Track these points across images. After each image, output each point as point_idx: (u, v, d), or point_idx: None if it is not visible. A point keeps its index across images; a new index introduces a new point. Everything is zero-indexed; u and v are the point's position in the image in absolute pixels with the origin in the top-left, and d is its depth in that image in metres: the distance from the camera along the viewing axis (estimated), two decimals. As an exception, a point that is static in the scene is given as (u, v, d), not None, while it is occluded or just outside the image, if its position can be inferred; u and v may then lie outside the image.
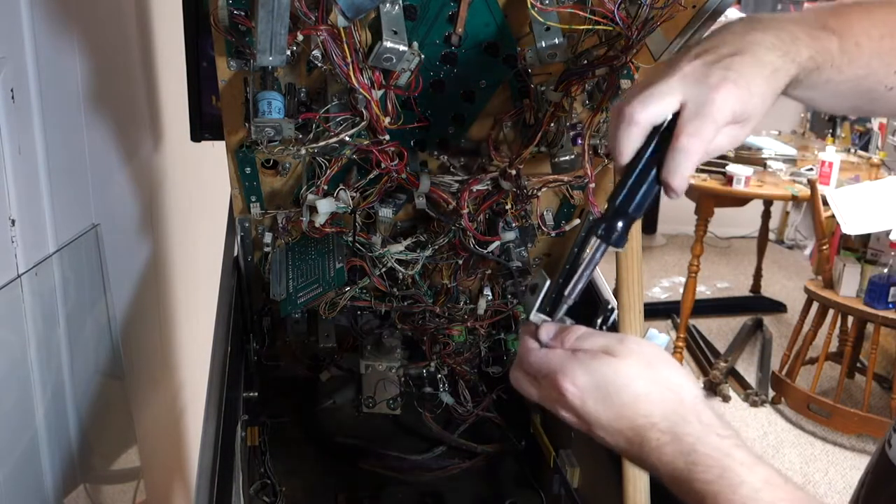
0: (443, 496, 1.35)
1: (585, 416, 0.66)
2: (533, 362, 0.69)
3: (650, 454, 0.64)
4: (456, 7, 0.92)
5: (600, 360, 0.66)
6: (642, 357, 0.66)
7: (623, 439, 0.65)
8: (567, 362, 0.67)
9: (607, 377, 0.65)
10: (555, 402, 0.67)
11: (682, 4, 0.87)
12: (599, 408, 0.65)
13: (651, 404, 0.64)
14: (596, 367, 0.66)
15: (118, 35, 1.42)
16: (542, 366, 0.68)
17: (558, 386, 0.66)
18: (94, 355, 1.29)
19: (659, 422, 0.64)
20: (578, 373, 0.66)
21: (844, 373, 3.15)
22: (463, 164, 1.11)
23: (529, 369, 0.69)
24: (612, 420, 0.65)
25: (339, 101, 0.96)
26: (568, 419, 0.68)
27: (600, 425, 0.66)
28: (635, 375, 0.65)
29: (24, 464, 1.04)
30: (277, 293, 1.15)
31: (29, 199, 1.03)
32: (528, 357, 0.69)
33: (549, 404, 0.68)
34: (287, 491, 1.29)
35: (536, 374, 0.68)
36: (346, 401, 1.43)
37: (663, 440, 0.63)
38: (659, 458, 0.63)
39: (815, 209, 3.12)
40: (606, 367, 0.65)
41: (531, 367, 0.69)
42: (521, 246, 1.15)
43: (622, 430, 0.65)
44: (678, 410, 0.64)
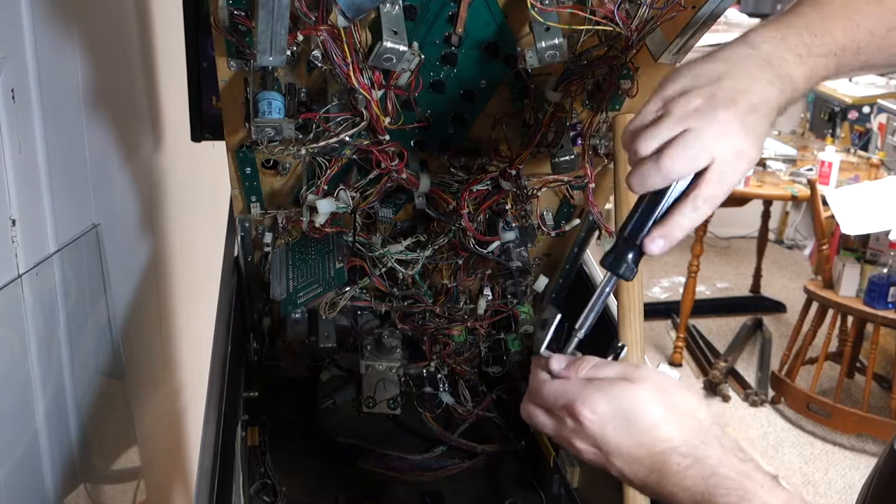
0: (443, 496, 1.35)
1: (605, 444, 0.65)
2: (547, 393, 0.68)
3: (670, 479, 0.63)
4: (456, 7, 0.92)
5: (619, 386, 0.66)
6: (658, 383, 0.66)
7: (643, 467, 0.64)
8: (584, 390, 0.66)
9: (627, 403, 0.65)
10: (571, 434, 0.66)
11: (682, 4, 0.87)
12: (620, 435, 0.64)
13: (671, 429, 0.64)
14: (615, 393, 0.65)
15: (118, 35, 1.42)
16: (558, 396, 0.67)
17: (576, 414, 0.65)
18: (94, 355, 1.29)
19: (680, 445, 0.63)
20: (597, 400, 0.65)
21: (844, 373, 3.15)
22: (463, 164, 1.11)
23: (543, 401, 0.68)
24: (633, 447, 0.64)
25: (339, 101, 0.96)
26: (584, 451, 0.66)
27: (619, 453, 0.65)
28: (654, 401, 0.65)
29: (24, 464, 1.04)
30: (277, 293, 1.15)
31: (29, 199, 1.03)
32: (542, 389, 0.68)
33: (566, 435, 0.67)
34: (287, 491, 1.29)
35: (552, 406, 0.67)
36: (346, 401, 1.43)
37: (684, 464, 0.63)
38: (680, 483, 0.62)
39: (815, 209, 3.12)
40: (626, 393, 0.65)
41: (545, 398, 0.68)
42: (521, 246, 1.15)
43: (641, 457, 0.64)
44: (698, 434, 0.64)
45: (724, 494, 0.60)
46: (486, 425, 1.43)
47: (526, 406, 0.71)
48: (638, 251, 0.71)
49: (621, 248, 0.71)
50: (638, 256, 0.71)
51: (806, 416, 3.20)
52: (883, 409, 3.15)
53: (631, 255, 0.71)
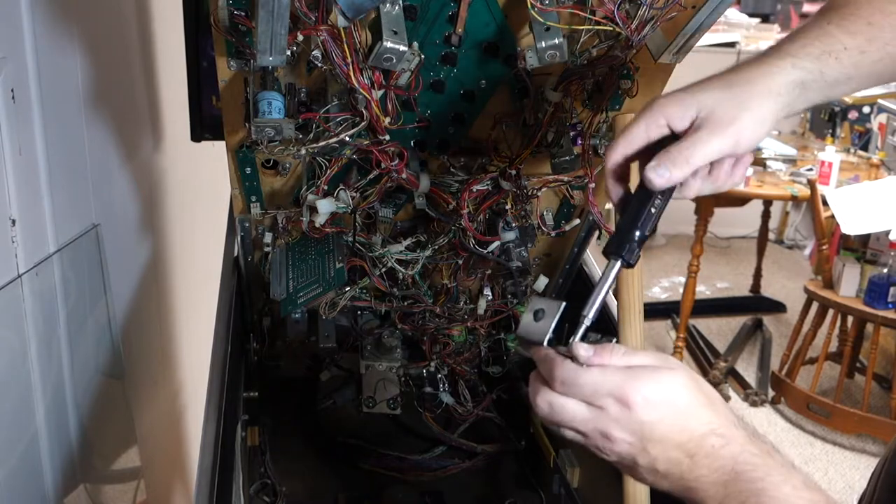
0: (443, 496, 1.35)
1: (650, 431, 0.65)
2: (588, 382, 0.66)
3: (702, 461, 0.64)
4: (456, 7, 0.92)
5: (663, 373, 0.66)
6: (691, 373, 0.68)
7: (681, 452, 0.65)
8: (633, 378, 0.66)
9: (674, 390, 0.66)
10: (611, 423, 0.65)
11: (681, 4, 0.87)
12: (667, 420, 0.65)
13: (710, 413, 0.66)
14: (662, 380, 0.66)
15: (118, 35, 1.42)
16: (601, 384, 0.66)
17: (628, 401, 0.65)
18: (94, 355, 1.29)
19: (717, 427, 0.65)
20: (648, 386, 0.65)
21: (844, 373, 3.15)
22: (463, 164, 1.11)
23: (580, 390, 0.67)
24: (677, 432, 0.65)
25: (339, 101, 0.96)
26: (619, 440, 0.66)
27: (662, 439, 0.65)
28: (693, 387, 0.66)
29: (24, 464, 1.04)
30: (277, 293, 1.15)
31: (29, 199, 1.03)
32: (580, 378, 0.67)
33: (602, 426, 0.66)
34: (287, 491, 1.29)
35: (592, 394, 0.66)
36: (346, 401, 1.43)
37: (718, 444, 0.64)
38: (711, 464, 0.64)
39: (815, 209, 3.12)
40: (671, 379, 0.66)
41: (584, 387, 0.66)
42: (521, 246, 1.15)
43: (683, 442, 0.65)
44: (728, 416, 0.66)
45: (750, 471, 0.62)
46: (486, 425, 1.43)
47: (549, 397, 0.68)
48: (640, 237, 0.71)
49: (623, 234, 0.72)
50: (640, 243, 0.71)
51: (806, 416, 3.20)
52: (883, 409, 3.15)
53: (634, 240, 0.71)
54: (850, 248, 3.11)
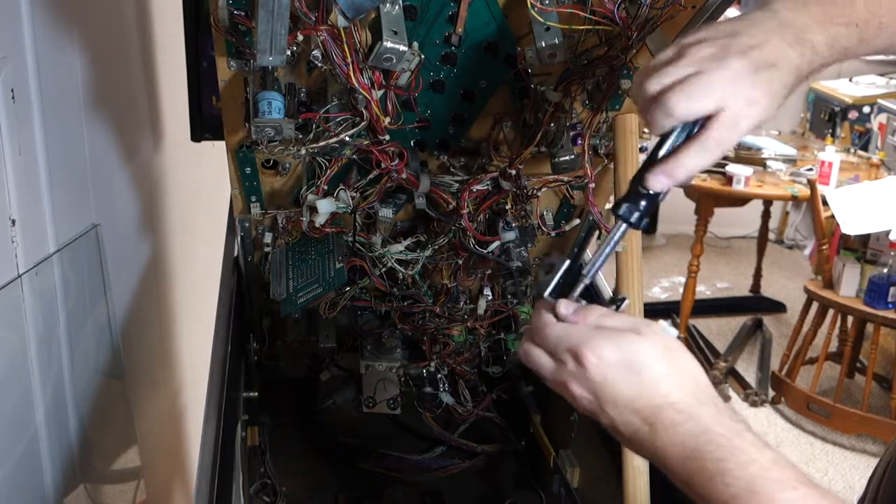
0: (443, 496, 1.35)
1: (602, 391, 0.66)
2: (552, 334, 0.68)
3: (662, 434, 0.64)
4: (456, 7, 0.92)
5: (627, 336, 0.67)
6: (664, 341, 0.68)
7: (637, 419, 0.65)
8: (593, 336, 0.67)
9: (632, 354, 0.66)
10: (570, 378, 0.67)
11: (681, 4, 0.87)
12: (620, 384, 0.65)
13: (671, 385, 0.65)
14: (623, 343, 0.66)
15: (118, 35, 1.42)
16: (563, 339, 0.67)
17: (581, 358, 0.66)
18: (94, 355, 1.29)
19: (676, 402, 0.65)
20: (604, 347, 0.66)
21: (844, 373, 3.15)
22: (463, 164, 1.11)
23: (546, 342, 0.69)
24: (631, 399, 0.65)
25: (339, 101, 0.96)
26: (579, 396, 0.67)
27: (615, 402, 0.65)
28: (658, 356, 0.66)
29: (24, 464, 1.04)
30: (277, 293, 1.15)
31: (29, 199, 1.03)
32: (547, 330, 0.69)
33: (563, 379, 0.67)
34: (287, 491, 1.29)
35: (555, 348, 0.68)
36: (346, 401, 1.43)
37: (678, 420, 0.64)
38: (671, 439, 0.64)
39: (815, 209, 3.12)
40: (633, 344, 0.66)
41: (548, 339, 0.68)
42: (521, 246, 1.15)
43: (638, 409, 0.65)
44: (696, 394, 0.66)
45: (713, 450, 0.62)
46: (486, 425, 1.43)
47: (525, 345, 0.70)
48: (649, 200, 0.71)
49: (633, 196, 0.72)
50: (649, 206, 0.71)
51: (806, 416, 3.20)
52: (883, 409, 3.15)
53: (642, 204, 0.71)
54: (850, 248, 3.11)
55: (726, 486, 0.60)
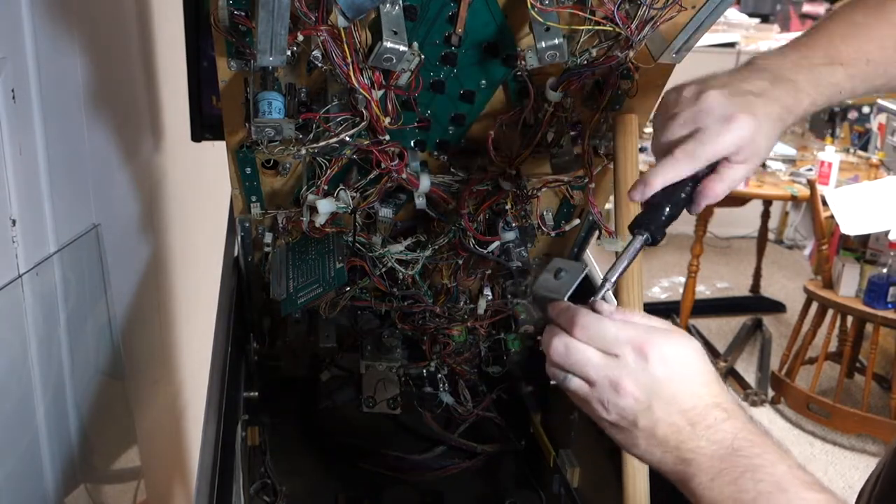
0: (443, 496, 1.35)
1: (660, 389, 0.66)
2: (608, 329, 0.68)
3: (703, 432, 0.65)
4: (456, 7, 0.92)
5: (682, 339, 0.68)
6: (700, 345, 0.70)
7: (681, 417, 0.66)
8: (654, 333, 0.68)
9: (689, 355, 0.67)
10: (625, 373, 0.66)
11: (681, 4, 0.87)
12: (679, 382, 0.66)
13: (717, 385, 0.68)
14: (681, 343, 0.68)
15: (118, 35, 1.42)
16: (622, 334, 0.67)
17: (646, 352, 0.66)
18: (94, 355, 1.29)
19: (723, 402, 0.66)
20: (667, 345, 0.67)
21: (844, 373, 3.15)
22: (463, 164, 1.11)
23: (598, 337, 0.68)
24: (686, 397, 0.66)
25: (340, 102, 0.96)
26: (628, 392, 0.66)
27: (668, 400, 0.66)
28: (705, 359, 0.68)
29: (24, 464, 1.04)
30: (277, 293, 1.15)
31: (29, 199, 1.03)
32: (599, 325, 0.68)
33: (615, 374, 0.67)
34: (287, 491, 1.29)
35: (613, 342, 0.67)
36: (346, 401, 1.43)
37: (721, 417, 0.65)
38: (712, 436, 0.65)
39: (815, 209, 3.12)
40: (689, 346, 0.68)
41: (605, 334, 0.68)
42: (521, 246, 1.15)
43: (688, 408, 0.66)
44: (729, 396, 0.68)
45: (748, 446, 0.63)
46: (486, 425, 1.43)
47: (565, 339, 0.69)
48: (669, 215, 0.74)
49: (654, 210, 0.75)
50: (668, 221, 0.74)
51: (806, 416, 3.21)
52: (883, 409, 3.15)
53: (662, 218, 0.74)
54: (849, 248, 3.11)
55: (756, 481, 0.61)
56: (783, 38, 4.61)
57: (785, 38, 4.67)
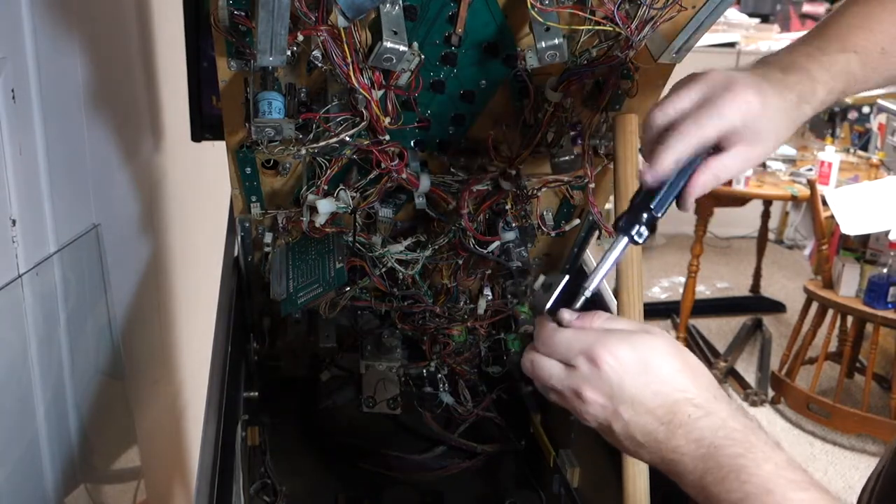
0: (443, 496, 1.35)
1: (620, 392, 0.65)
2: (562, 341, 0.68)
3: (679, 431, 0.63)
4: (456, 7, 0.92)
5: (640, 336, 0.67)
6: (673, 341, 0.68)
7: (653, 419, 0.64)
8: (605, 337, 0.66)
9: (647, 353, 0.66)
10: (583, 382, 0.66)
11: (681, 4, 0.87)
12: (638, 382, 0.65)
13: (687, 381, 0.65)
14: (637, 342, 0.66)
15: (118, 35, 1.42)
16: (575, 342, 0.67)
17: (597, 359, 0.65)
18: (94, 355, 1.29)
19: (694, 397, 0.64)
20: (620, 346, 0.65)
21: (844, 373, 3.15)
22: (463, 164, 1.11)
23: (555, 349, 0.68)
24: (649, 397, 0.64)
25: (340, 102, 0.96)
26: (592, 402, 0.66)
27: (633, 402, 0.65)
28: (672, 353, 0.66)
29: (24, 464, 1.04)
30: (277, 293, 1.15)
31: (29, 199, 1.03)
32: (555, 336, 0.68)
33: (575, 384, 0.66)
34: (287, 491, 1.29)
35: (566, 353, 0.67)
36: (346, 401, 1.43)
37: (696, 415, 0.63)
38: (688, 434, 0.63)
39: (815, 209, 3.12)
40: (647, 342, 0.66)
41: (558, 345, 0.68)
42: (521, 246, 1.15)
43: (655, 408, 0.64)
44: (710, 389, 0.65)
45: (730, 446, 0.61)
46: (486, 425, 1.43)
47: (531, 355, 0.70)
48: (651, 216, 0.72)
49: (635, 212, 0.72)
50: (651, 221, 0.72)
51: (806, 416, 3.20)
52: (883, 409, 3.15)
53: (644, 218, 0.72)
54: (849, 248, 3.11)
55: (741, 483, 0.59)
56: (783, 38, 4.61)
57: (785, 37, 4.67)
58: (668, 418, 0.64)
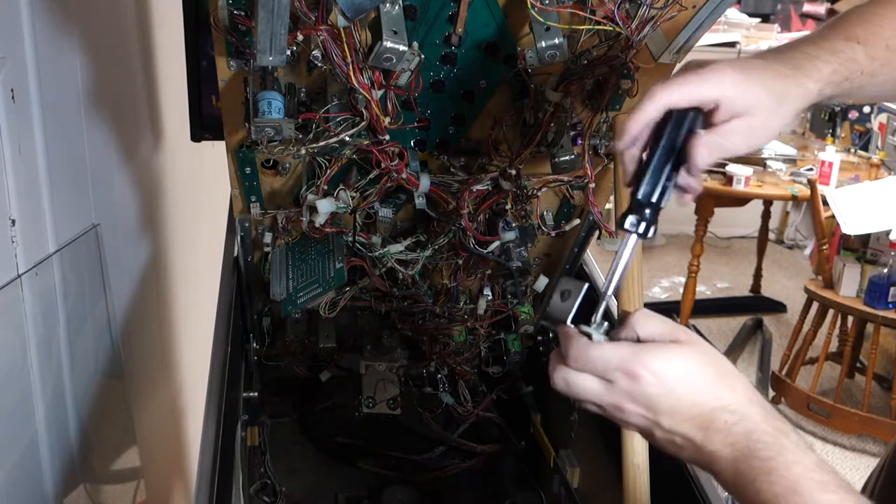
0: (443, 496, 1.35)
1: (659, 404, 0.66)
2: (598, 357, 0.68)
3: (716, 436, 0.65)
4: (456, 7, 0.92)
5: (673, 348, 0.67)
6: (704, 347, 0.69)
7: (691, 426, 0.66)
8: (641, 352, 0.67)
9: (683, 364, 0.67)
10: (623, 397, 0.67)
11: (682, 4, 0.87)
12: (675, 394, 0.66)
13: (723, 388, 0.66)
14: (671, 354, 0.67)
15: (118, 35, 1.42)
16: (611, 358, 0.67)
17: (635, 374, 0.66)
18: (94, 355, 1.29)
19: (730, 403, 0.66)
20: (655, 361, 0.66)
21: (844, 373, 3.15)
22: (463, 164, 1.11)
23: (591, 365, 0.68)
24: (687, 406, 0.66)
25: (339, 101, 0.96)
26: (632, 413, 0.67)
27: (672, 412, 0.66)
28: (706, 362, 0.67)
29: (24, 464, 1.04)
30: (277, 293, 1.15)
31: (29, 199, 1.03)
32: (590, 353, 0.68)
33: (615, 399, 0.67)
34: (287, 491, 1.29)
35: (603, 369, 0.68)
36: (346, 401, 1.43)
37: (731, 420, 0.65)
38: (725, 439, 0.65)
39: (815, 209, 3.12)
40: (681, 354, 0.67)
41: (594, 361, 0.68)
42: (521, 246, 1.15)
43: (693, 416, 0.66)
44: (744, 393, 0.67)
45: (762, 448, 0.63)
46: (486, 425, 1.43)
47: (563, 373, 0.70)
48: (653, 210, 0.72)
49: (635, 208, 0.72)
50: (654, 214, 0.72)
51: (806, 416, 3.20)
52: (883, 410, 3.15)
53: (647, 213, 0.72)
54: (850, 248, 3.11)
55: (770, 484, 0.61)
56: (783, 39, 4.61)
57: (785, 37, 4.67)
58: (706, 425, 0.66)
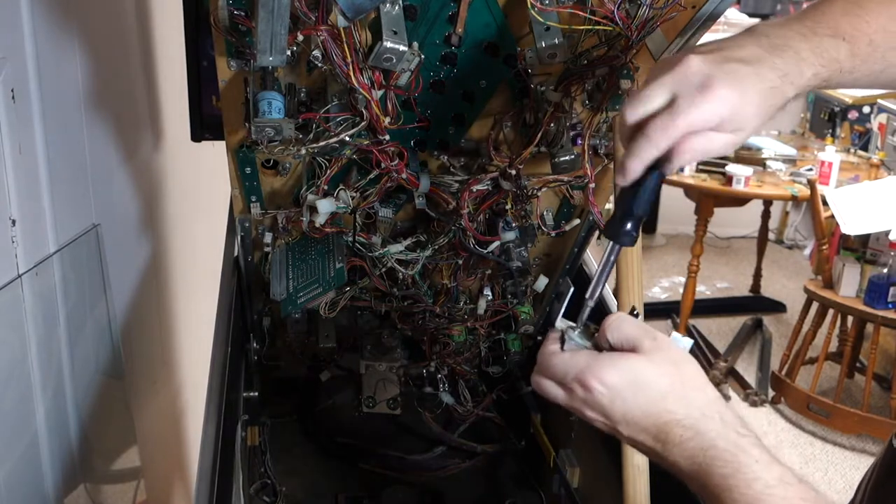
0: (443, 496, 1.35)
1: (612, 414, 0.67)
2: (556, 365, 0.70)
3: (673, 449, 0.66)
4: (456, 7, 0.92)
5: (629, 358, 0.68)
6: (668, 355, 0.68)
7: (648, 437, 0.67)
8: (594, 362, 0.68)
9: (635, 375, 0.67)
10: (582, 404, 0.69)
11: (681, 4, 0.87)
12: (627, 405, 0.67)
13: (676, 401, 0.66)
14: (625, 365, 0.67)
15: (118, 35, 1.42)
16: (568, 368, 0.69)
17: (587, 385, 0.67)
18: (94, 355, 1.29)
19: (682, 418, 0.66)
20: (607, 372, 0.67)
21: (844, 373, 3.15)
22: (463, 164, 1.11)
23: (553, 373, 0.71)
24: (639, 418, 0.67)
25: (339, 101, 0.96)
26: (594, 419, 0.69)
27: (626, 422, 0.67)
28: (662, 373, 0.67)
29: (24, 464, 1.04)
30: (277, 293, 1.15)
31: (29, 199, 1.03)
32: (552, 360, 0.71)
33: (577, 405, 0.70)
34: (287, 491, 1.29)
35: (562, 378, 0.70)
36: (346, 401, 1.43)
37: (686, 436, 0.65)
38: (682, 453, 0.65)
39: (815, 209, 3.12)
40: (635, 364, 0.67)
41: (555, 370, 0.70)
42: (521, 246, 1.15)
43: (647, 427, 0.67)
44: (700, 408, 0.66)
45: (720, 466, 0.63)
46: (486, 425, 1.43)
47: (536, 378, 0.73)
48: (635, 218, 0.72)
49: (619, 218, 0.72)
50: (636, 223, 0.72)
51: (806, 416, 3.20)
52: (883, 409, 3.15)
53: (630, 224, 0.72)
54: (850, 248, 3.11)
55: (733, 501, 0.62)
56: (783, 38, 4.59)
57: (785, 37, 4.66)
58: (662, 437, 0.66)
